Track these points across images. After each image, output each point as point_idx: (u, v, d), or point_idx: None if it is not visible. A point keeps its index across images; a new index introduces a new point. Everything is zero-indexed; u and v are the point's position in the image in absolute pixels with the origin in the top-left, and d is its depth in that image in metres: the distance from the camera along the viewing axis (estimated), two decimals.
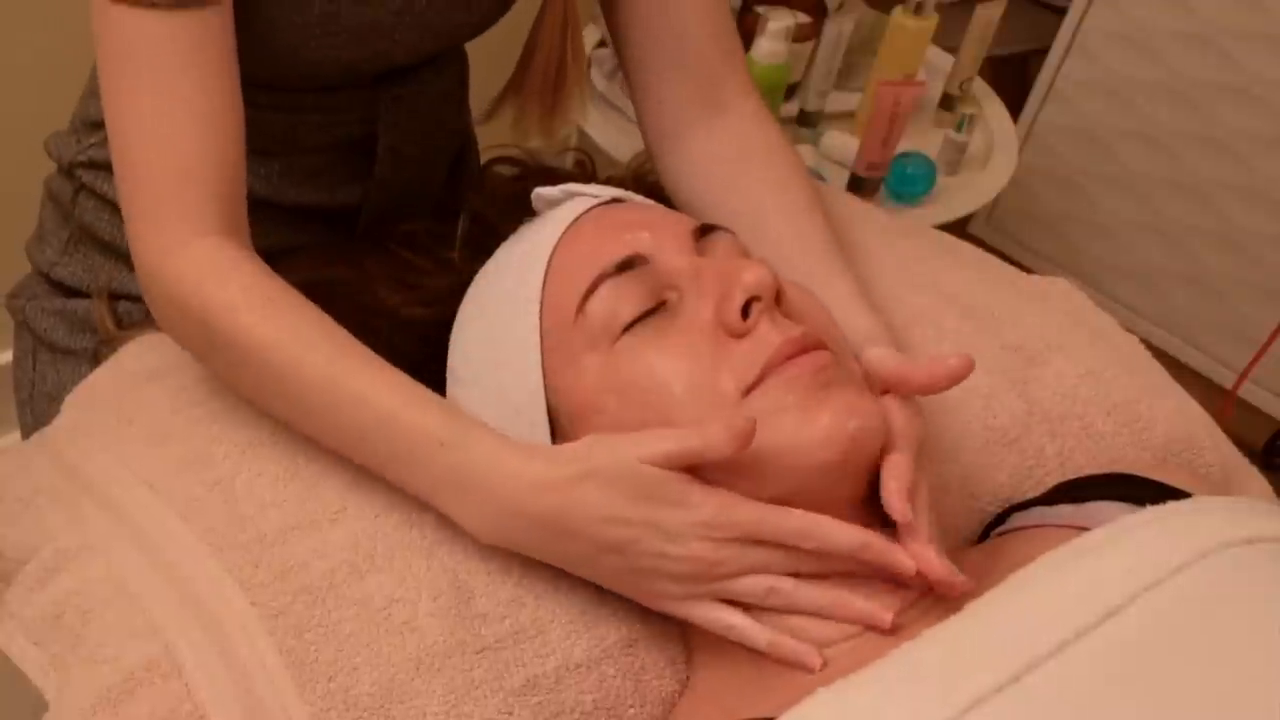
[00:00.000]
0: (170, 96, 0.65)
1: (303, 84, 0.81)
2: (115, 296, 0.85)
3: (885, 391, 0.64)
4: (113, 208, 0.85)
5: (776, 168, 0.80)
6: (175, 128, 0.65)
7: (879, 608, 0.58)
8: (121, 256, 0.86)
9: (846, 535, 0.57)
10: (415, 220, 0.82)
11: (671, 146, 0.82)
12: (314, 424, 0.64)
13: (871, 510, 0.62)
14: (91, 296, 0.86)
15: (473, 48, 0.91)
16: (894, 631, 0.57)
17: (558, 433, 0.64)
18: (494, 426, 0.65)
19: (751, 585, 0.58)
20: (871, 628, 0.58)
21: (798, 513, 0.58)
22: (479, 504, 0.60)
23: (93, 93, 0.87)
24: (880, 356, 0.64)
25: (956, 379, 0.62)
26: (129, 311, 0.85)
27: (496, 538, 0.61)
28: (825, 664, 0.58)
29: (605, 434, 0.60)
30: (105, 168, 0.85)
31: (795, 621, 0.59)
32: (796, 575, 0.59)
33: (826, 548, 0.57)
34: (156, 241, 0.66)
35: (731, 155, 0.80)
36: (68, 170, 0.88)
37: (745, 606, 0.59)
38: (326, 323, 0.64)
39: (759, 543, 0.58)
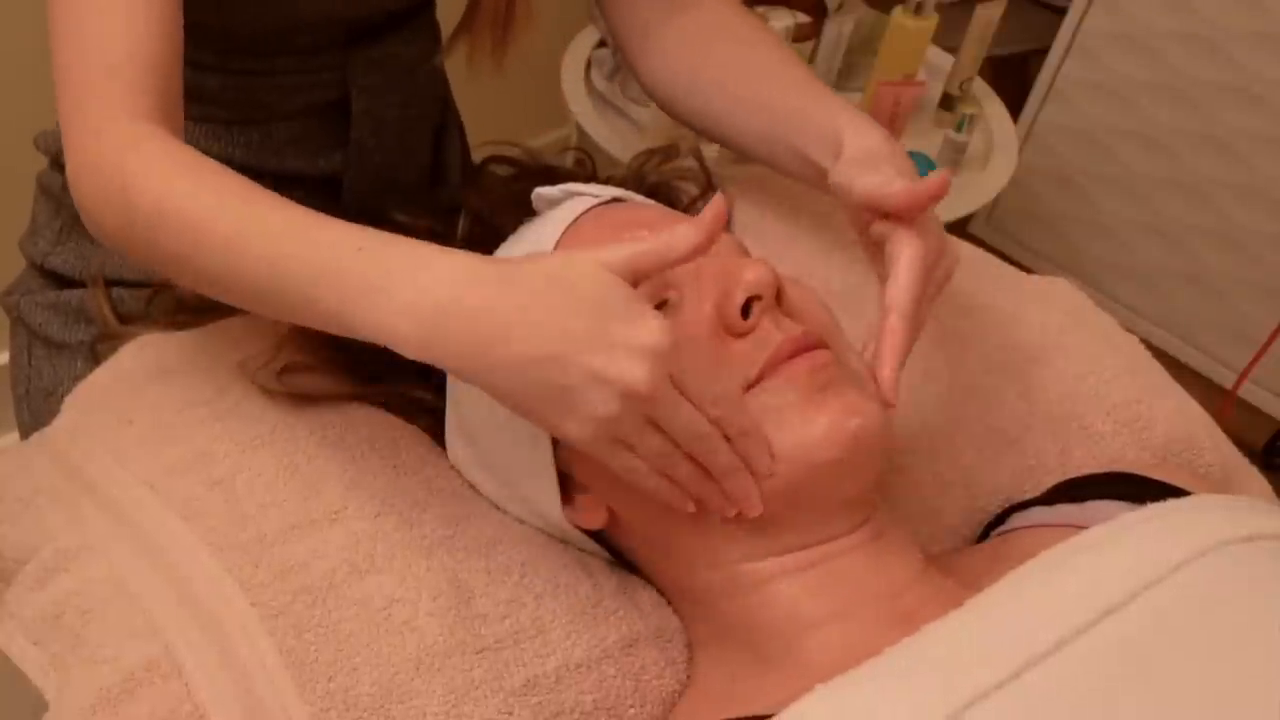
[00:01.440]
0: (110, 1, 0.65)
1: (277, 44, 0.82)
2: (109, 283, 0.86)
3: (887, 217, 0.65)
4: None
5: (745, 34, 0.82)
6: (104, 27, 0.65)
7: (727, 503, 0.57)
8: None
9: (746, 417, 0.56)
10: (408, 208, 0.82)
11: (644, 45, 0.85)
12: (232, 272, 0.59)
13: (872, 511, 0.62)
14: (85, 285, 0.86)
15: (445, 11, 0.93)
16: (899, 623, 0.58)
17: None
18: (495, 425, 0.65)
19: (656, 443, 0.54)
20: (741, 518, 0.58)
21: (727, 380, 0.57)
22: (403, 303, 0.53)
23: None
24: (868, 186, 0.66)
25: (937, 197, 0.63)
26: (122, 298, 0.85)
27: (424, 348, 0.53)
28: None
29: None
30: None
31: (788, 598, 0.59)
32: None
33: (733, 419, 0.55)
34: (82, 130, 0.64)
35: (702, 38, 0.83)
36: (57, 160, 0.89)
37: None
38: (242, 180, 0.61)
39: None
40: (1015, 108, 1.86)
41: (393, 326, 0.53)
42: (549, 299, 0.52)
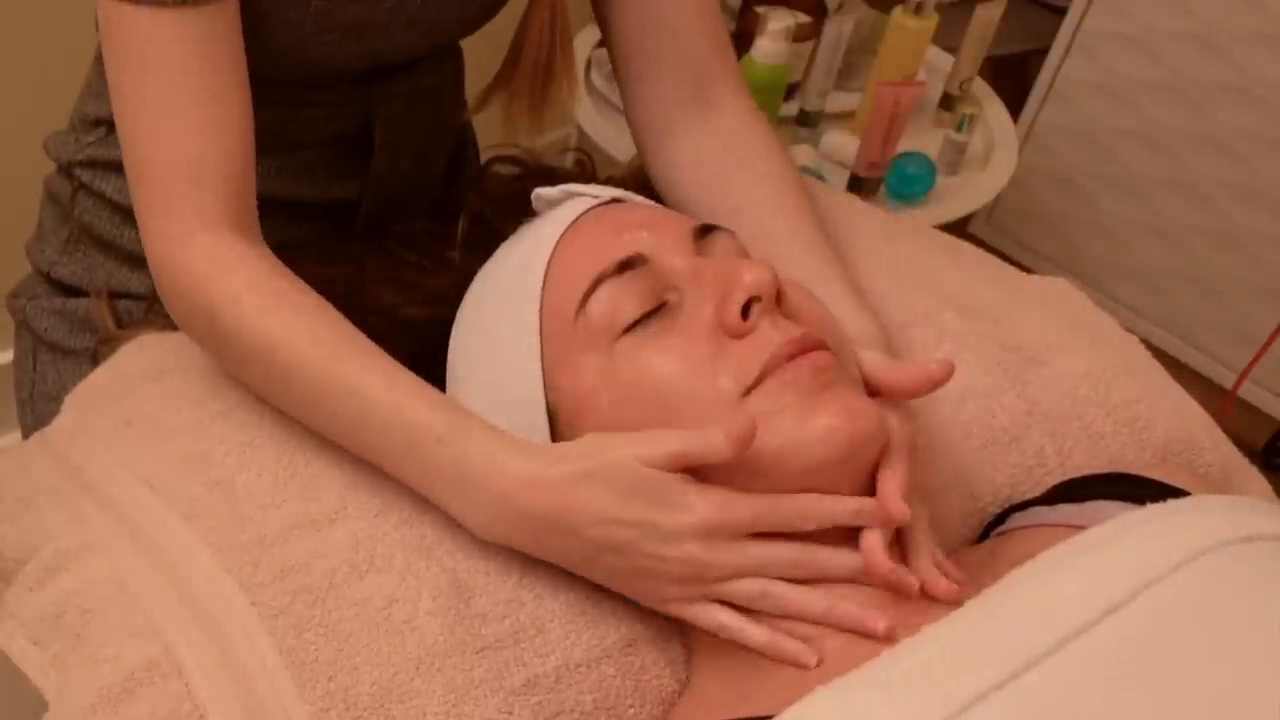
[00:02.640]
0: (179, 93, 0.65)
1: (297, 81, 0.81)
2: (115, 295, 0.86)
3: (874, 394, 0.64)
4: (111, 206, 0.85)
5: (767, 167, 0.79)
6: (184, 124, 0.65)
7: (872, 615, 0.58)
8: (120, 255, 0.86)
9: (843, 506, 0.58)
10: (414, 218, 0.82)
11: (661, 145, 0.82)
12: (316, 418, 0.65)
13: None
14: (91, 295, 0.86)
15: (467, 41, 0.91)
16: (891, 635, 0.58)
17: (556, 432, 0.64)
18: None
19: (746, 587, 0.58)
20: (864, 634, 0.58)
21: (796, 495, 0.58)
22: (477, 501, 0.60)
23: (91, 92, 0.87)
24: (868, 361, 0.65)
25: (936, 384, 0.63)
26: (128, 310, 0.85)
27: (494, 535, 0.61)
28: (821, 661, 0.58)
29: (605, 433, 0.60)
30: (104, 166, 0.85)
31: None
32: (793, 580, 0.59)
33: (826, 521, 0.58)
34: (166, 235, 0.66)
35: (722, 154, 0.80)
36: (66, 169, 0.88)
37: (743, 609, 0.59)
38: (331, 315, 0.65)
39: (759, 538, 0.58)
40: (1015, 108, 1.86)
41: (467, 520, 0.62)
42: (605, 500, 0.57)
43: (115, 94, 0.67)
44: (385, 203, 0.90)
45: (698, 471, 0.58)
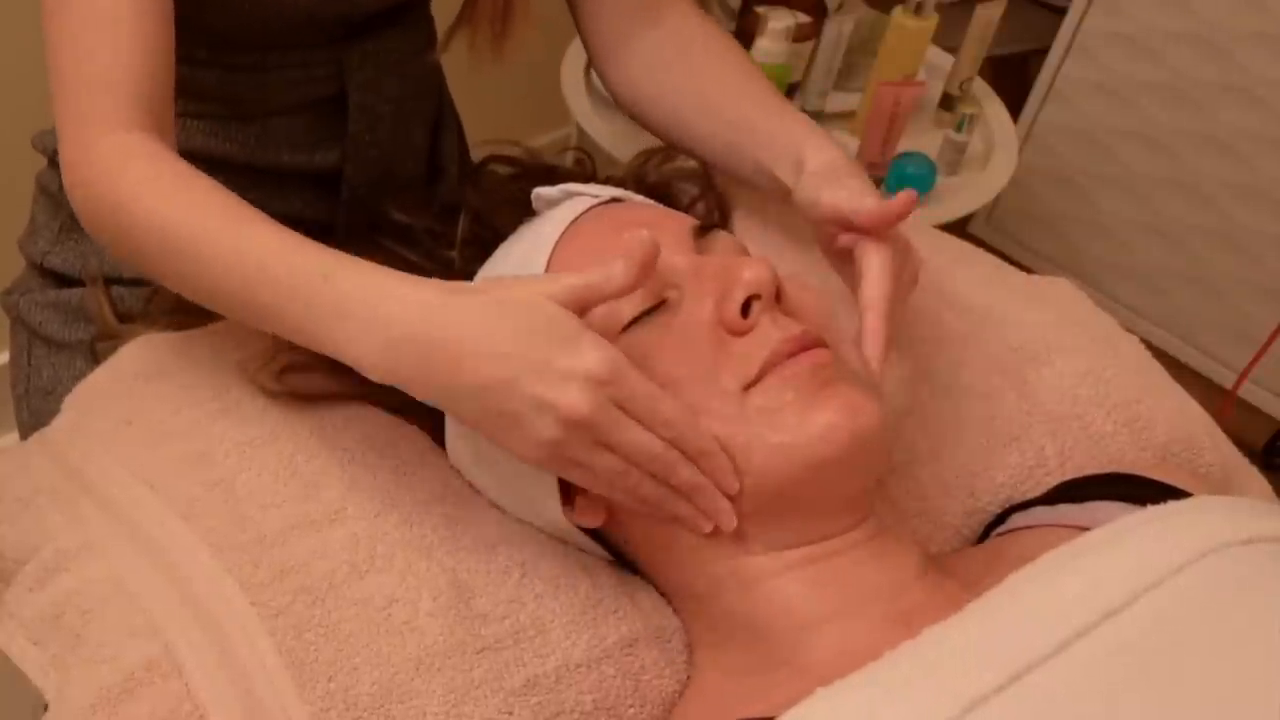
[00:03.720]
0: (94, 10, 0.67)
1: (271, 39, 0.82)
2: (109, 281, 0.86)
3: (848, 229, 0.68)
4: None
5: (715, 49, 0.84)
6: (97, 38, 0.66)
7: (703, 520, 0.59)
8: None
9: (702, 437, 0.58)
10: (407, 205, 0.82)
11: (615, 56, 0.87)
12: (208, 289, 0.63)
13: (871, 509, 0.62)
14: (84, 284, 0.86)
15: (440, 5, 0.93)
16: (878, 606, 0.58)
17: None
18: None
19: (610, 462, 0.57)
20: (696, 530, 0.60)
21: (674, 399, 0.57)
22: (365, 331, 0.57)
23: None
24: (835, 201, 0.68)
25: (902, 216, 0.66)
26: (122, 296, 0.85)
27: (383, 371, 0.58)
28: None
29: (507, 276, 0.60)
30: None
31: (787, 596, 0.59)
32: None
33: (688, 439, 0.57)
34: (76, 139, 0.67)
35: (671, 50, 0.85)
36: (55, 160, 0.89)
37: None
38: (226, 193, 0.64)
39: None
40: (1015, 108, 1.86)
41: (355, 354, 0.58)
42: (496, 330, 0.55)
43: (44, 21, 0.68)
44: (369, 171, 0.91)
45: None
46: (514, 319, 0.55)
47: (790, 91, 1.56)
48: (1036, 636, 0.50)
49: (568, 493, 0.65)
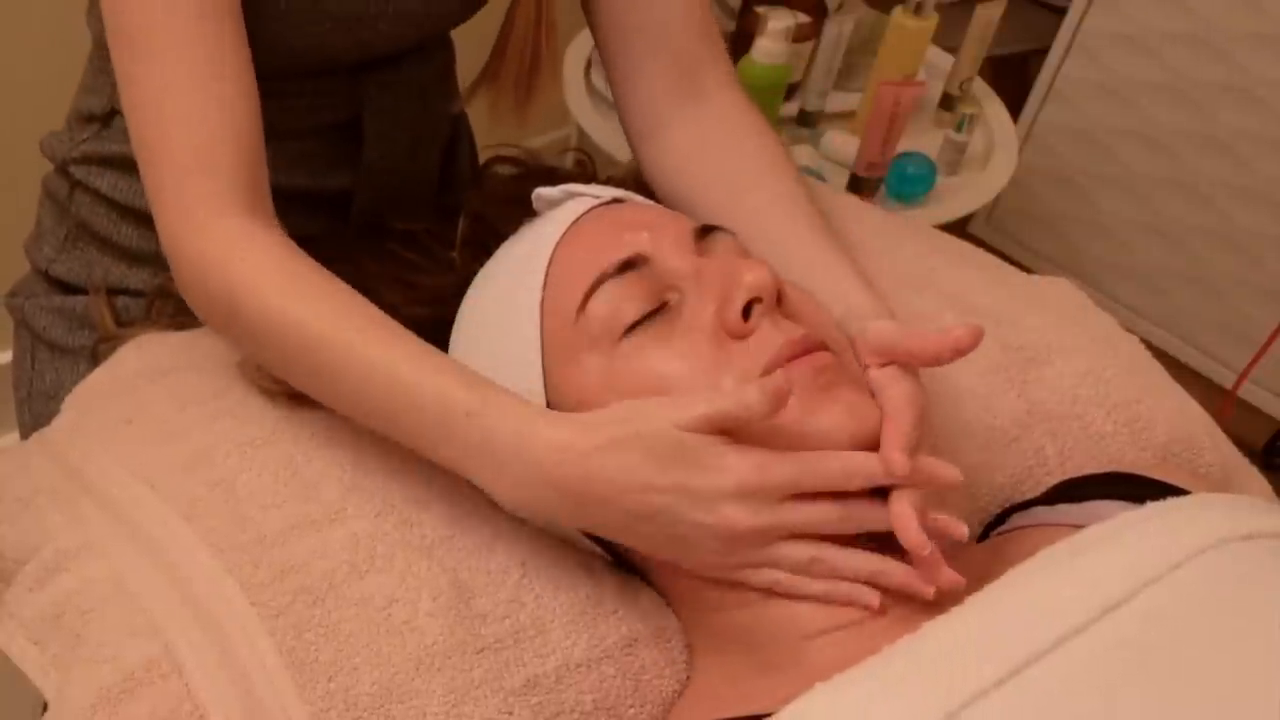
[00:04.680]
0: (182, 74, 0.65)
1: (286, 72, 0.81)
2: (113, 292, 0.86)
3: (888, 363, 0.63)
4: (107, 202, 0.85)
5: (761, 157, 0.79)
6: (189, 106, 0.65)
7: (920, 578, 0.57)
8: (118, 251, 0.86)
9: (875, 462, 0.57)
10: (413, 217, 0.82)
11: (652, 139, 0.82)
12: (340, 398, 0.64)
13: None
14: (89, 293, 0.86)
15: (458, 34, 0.92)
16: (883, 613, 0.58)
17: None
18: None
19: (797, 552, 0.57)
20: (914, 594, 0.58)
21: (831, 453, 0.57)
22: (508, 472, 0.58)
23: (85, 88, 0.87)
24: (883, 328, 0.63)
25: (962, 350, 0.60)
26: (126, 307, 0.85)
27: (527, 507, 0.59)
28: (883, 609, 0.58)
29: (636, 399, 0.59)
30: (99, 162, 0.85)
31: (792, 610, 0.59)
32: (837, 541, 0.58)
33: (866, 477, 0.57)
34: (179, 221, 0.66)
35: (714, 146, 0.80)
36: (63, 167, 0.88)
37: None
38: (349, 296, 0.64)
39: (800, 499, 0.57)
40: (1015, 108, 1.86)
41: (498, 490, 0.59)
42: (639, 468, 0.56)
43: (122, 82, 0.67)
44: (380, 194, 0.90)
45: None
46: (648, 452, 0.56)
47: (790, 91, 1.56)
48: (1035, 631, 0.50)
49: None
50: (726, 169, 0.78)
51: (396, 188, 0.91)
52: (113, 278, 0.86)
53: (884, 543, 0.58)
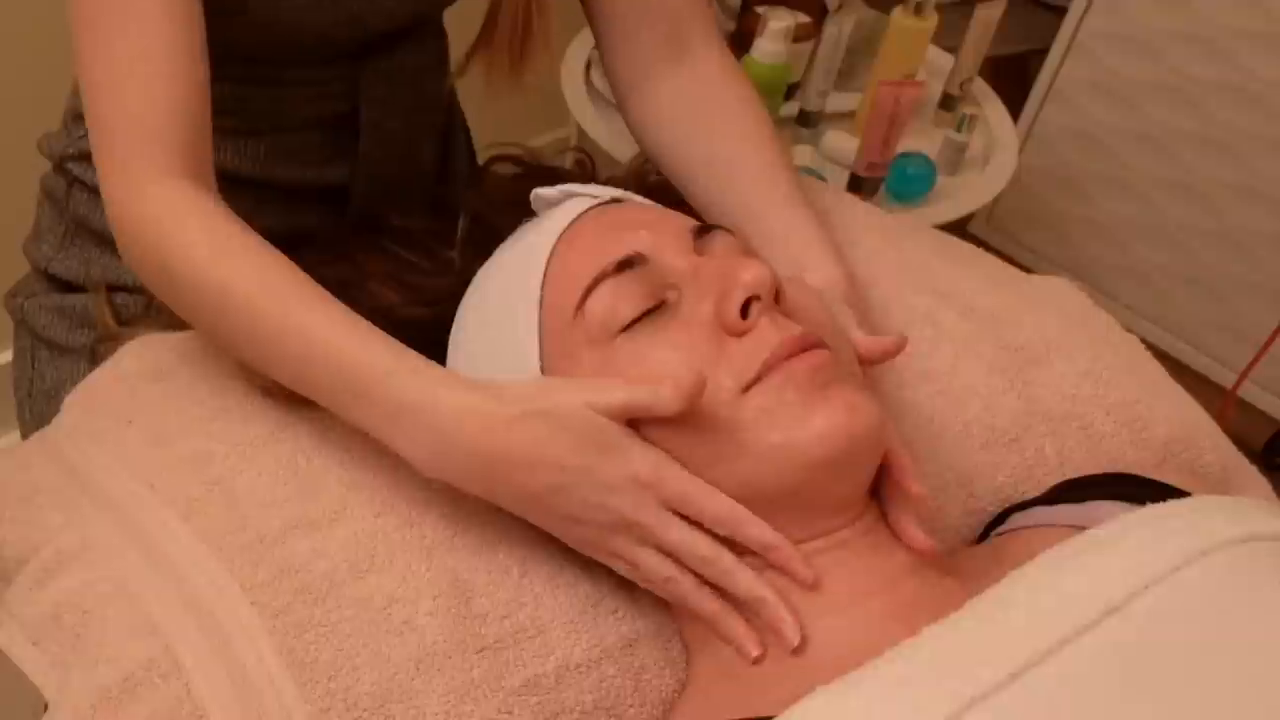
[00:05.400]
0: (134, 46, 0.67)
1: (282, 55, 0.82)
2: (112, 288, 0.86)
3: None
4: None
5: (742, 118, 0.82)
6: (138, 77, 0.67)
7: (753, 640, 0.59)
8: (115, 247, 0.86)
9: (759, 531, 0.59)
10: (410, 211, 0.82)
11: (638, 94, 0.85)
12: (266, 362, 0.65)
13: (867, 505, 0.62)
14: (88, 290, 0.86)
15: (451, 16, 0.92)
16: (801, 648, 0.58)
17: None
18: None
19: (657, 565, 0.60)
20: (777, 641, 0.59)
21: (724, 497, 0.59)
22: (421, 436, 0.60)
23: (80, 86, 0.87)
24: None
25: (889, 355, 0.66)
26: (126, 304, 0.85)
27: (436, 471, 0.61)
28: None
29: (554, 377, 0.62)
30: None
31: (784, 595, 0.59)
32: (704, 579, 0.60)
33: (739, 536, 0.59)
34: (121, 186, 0.67)
35: (695, 105, 0.83)
36: (60, 165, 0.89)
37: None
38: (282, 261, 0.65)
39: (680, 518, 0.59)
40: (1015, 108, 1.85)
41: (411, 454, 0.61)
42: (547, 443, 0.58)
43: (78, 55, 0.68)
44: (377, 187, 0.91)
45: (697, 468, 0.58)
46: (561, 430, 0.58)
47: (790, 91, 1.56)
48: (1036, 634, 0.50)
49: None
50: (704, 132, 0.81)
51: (393, 180, 0.91)
52: (111, 273, 0.86)
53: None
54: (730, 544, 0.60)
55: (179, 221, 0.65)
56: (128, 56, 0.67)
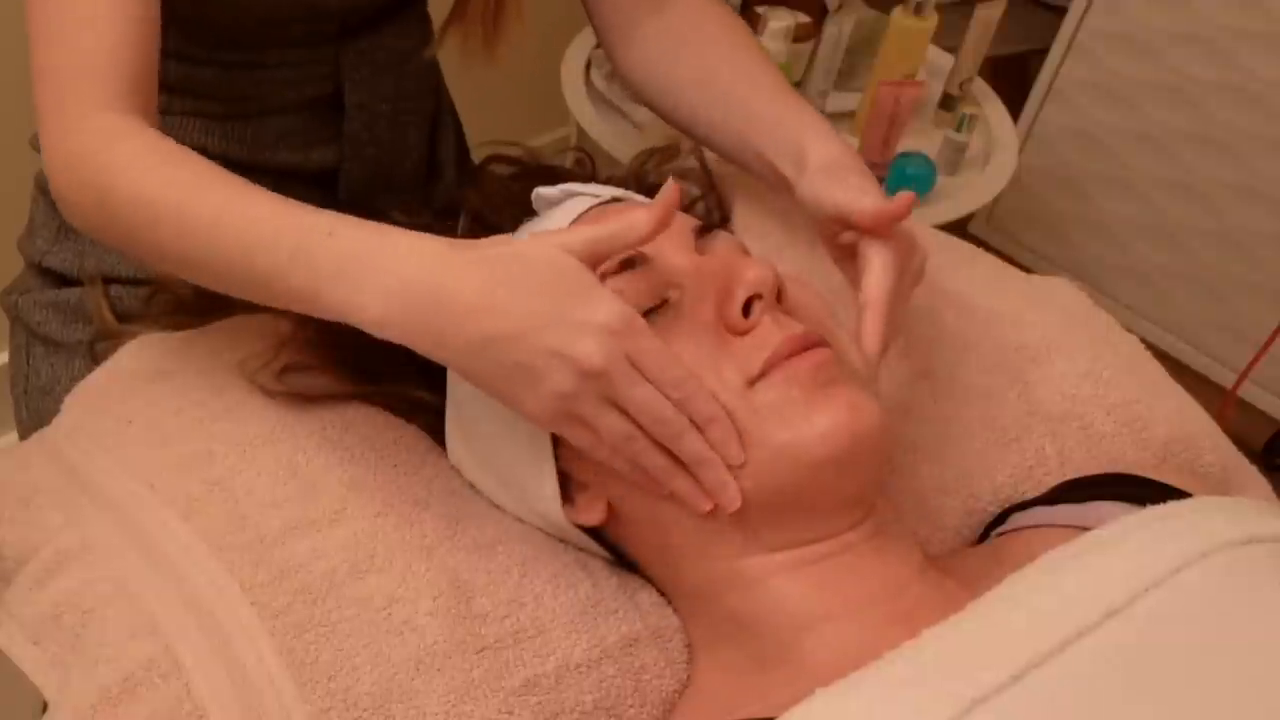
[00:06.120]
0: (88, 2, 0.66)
1: (265, 37, 0.82)
2: (106, 280, 0.86)
3: (846, 229, 0.68)
4: None
5: (725, 35, 0.83)
6: (77, 23, 0.66)
7: (701, 497, 0.58)
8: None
9: (706, 400, 0.57)
10: (402, 200, 0.82)
11: (625, 39, 0.86)
12: (206, 261, 0.61)
13: (872, 508, 0.62)
14: (82, 284, 0.86)
15: (435, 4, 0.93)
16: (900, 621, 0.57)
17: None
18: (494, 424, 0.65)
19: (618, 424, 0.56)
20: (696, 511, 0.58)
21: (686, 367, 0.57)
22: (369, 284, 0.55)
23: None
24: (837, 203, 0.68)
25: (899, 216, 0.66)
26: (120, 296, 0.85)
27: (386, 322, 0.56)
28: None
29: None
30: None
31: (787, 596, 0.59)
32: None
33: (691, 401, 0.56)
34: (57, 123, 0.66)
35: (681, 33, 0.84)
36: None
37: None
38: (218, 168, 0.63)
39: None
40: (1015, 108, 1.85)
41: (359, 305, 0.56)
42: (510, 281, 0.54)
43: (31, 13, 0.68)
44: (366, 171, 0.91)
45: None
46: (526, 271, 0.55)
47: None
48: (1037, 636, 0.50)
49: (568, 491, 0.65)
50: (696, 55, 0.83)
51: (382, 164, 0.92)
52: (105, 266, 0.86)
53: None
54: None
55: (111, 145, 0.63)
56: (64, 4, 0.66)
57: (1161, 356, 0.82)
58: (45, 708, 0.61)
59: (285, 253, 0.57)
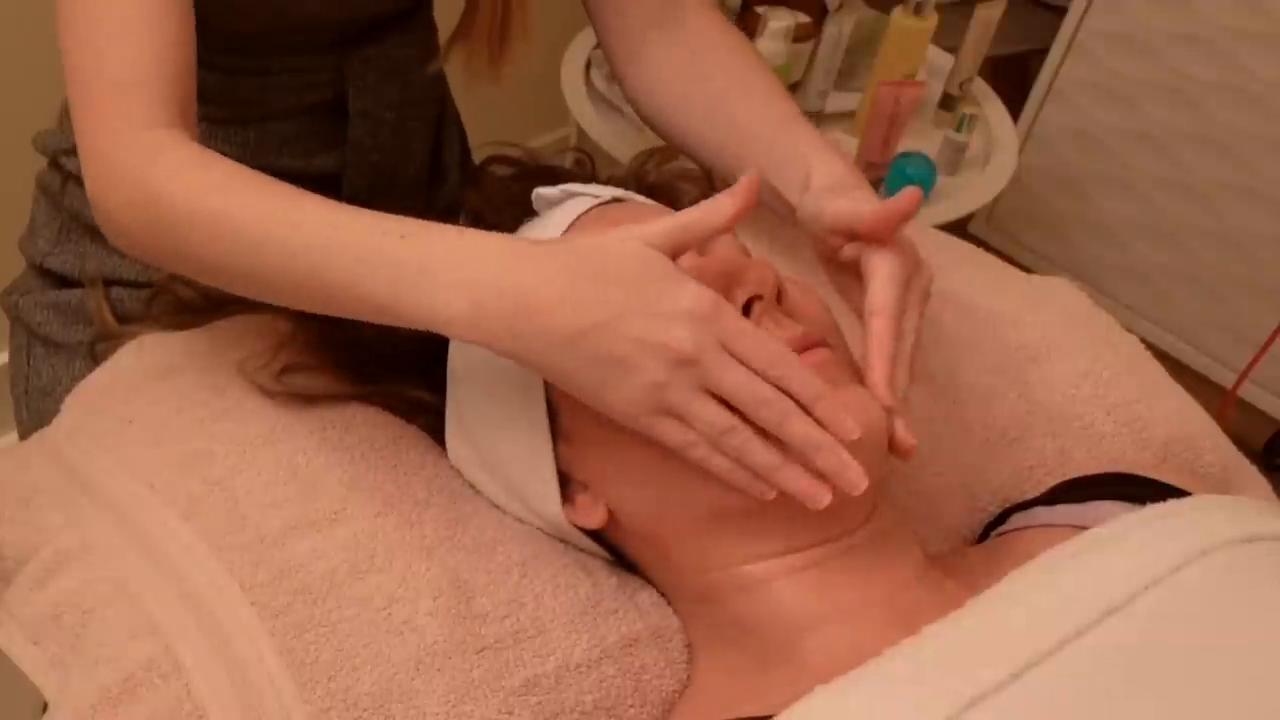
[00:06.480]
0: (110, 10, 0.65)
1: (270, 44, 0.82)
2: (107, 283, 0.86)
3: (852, 239, 0.65)
4: None
5: (729, 59, 0.82)
6: (115, 34, 0.65)
7: (819, 489, 0.54)
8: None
9: (807, 377, 0.54)
10: (405, 206, 0.82)
11: (634, 62, 0.86)
12: (272, 274, 0.60)
13: (874, 510, 0.62)
14: (83, 285, 0.86)
15: (441, 11, 0.93)
16: (876, 599, 0.58)
17: (558, 432, 0.64)
18: (495, 424, 0.65)
19: (716, 415, 0.54)
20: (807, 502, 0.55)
21: (781, 342, 0.56)
22: (453, 284, 0.55)
23: None
24: (840, 208, 0.65)
25: (907, 216, 0.62)
26: (121, 298, 0.85)
27: (471, 323, 0.55)
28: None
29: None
30: None
31: (788, 598, 0.59)
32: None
33: (790, 379, 0.54)
34: (102, 137, 0.65)
35: (692, 59, 0.83)
36: (55, 161, 0.89)
37: None
38: (270, 179, 0.63)
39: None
40: (1015, 108, 1.85)
41: (445, 306, 0.55)
42: (592, 274, 0.54)
43: (60, 24, 0.67)
44: (369, 177, 0.91)
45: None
46: (608, 263, 0.54)
47: (790, 91, 1.56)
48: (1037, 634, 0.50)
49: (568, 492, 0.65)
50: (706, 81, 0.82)
51: (385, 170, 0.92)
52: (106, 268, 0.86)
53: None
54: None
55: (167, 162, 0.63)
56: (106, 14, 0.65)
57: (1161, 356, 0.82)
58: (45, 708, 0.61)
59: (361, 260, 0.57)
